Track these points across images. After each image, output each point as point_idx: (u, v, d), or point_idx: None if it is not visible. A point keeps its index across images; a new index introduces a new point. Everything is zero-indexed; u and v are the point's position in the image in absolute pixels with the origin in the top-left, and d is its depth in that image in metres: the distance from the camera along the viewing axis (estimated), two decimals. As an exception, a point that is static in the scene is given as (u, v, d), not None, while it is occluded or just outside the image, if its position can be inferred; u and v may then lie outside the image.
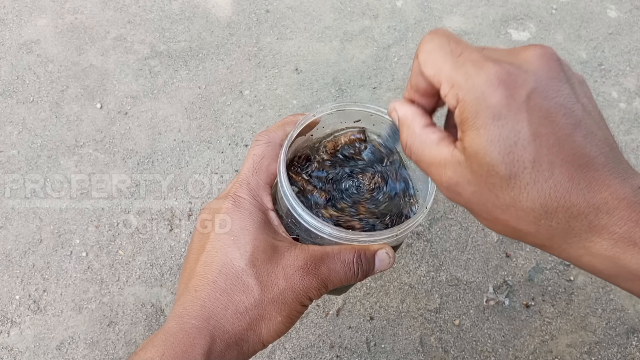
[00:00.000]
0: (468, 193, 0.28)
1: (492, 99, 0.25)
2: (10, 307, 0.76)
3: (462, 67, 0.27)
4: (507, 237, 0.31)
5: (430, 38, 0.29)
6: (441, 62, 0.28)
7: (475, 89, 0.26)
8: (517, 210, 0.27)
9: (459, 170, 0.28)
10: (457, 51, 0.28)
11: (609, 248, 0.26)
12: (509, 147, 0.25)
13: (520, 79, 0.26)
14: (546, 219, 0.26)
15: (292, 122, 0.40)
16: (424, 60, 0.29)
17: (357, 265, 0.36)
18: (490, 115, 0.25)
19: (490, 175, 0.26)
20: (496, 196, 0.27)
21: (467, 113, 0.26)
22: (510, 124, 0.25)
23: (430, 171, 0.30)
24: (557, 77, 0.27)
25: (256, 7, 1.08)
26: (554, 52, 0.27)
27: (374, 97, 0.98)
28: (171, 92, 0.96)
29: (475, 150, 0.26)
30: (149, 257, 0.80)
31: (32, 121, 0.91)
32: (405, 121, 0.31)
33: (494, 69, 0.26)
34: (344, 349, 0.76)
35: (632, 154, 0.96)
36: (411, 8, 1.11)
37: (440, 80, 0.28)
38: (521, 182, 0.26)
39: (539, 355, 0.77)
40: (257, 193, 0.37)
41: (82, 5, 1.05)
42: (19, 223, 0.82)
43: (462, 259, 0.83)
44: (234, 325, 0.34)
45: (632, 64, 1.07)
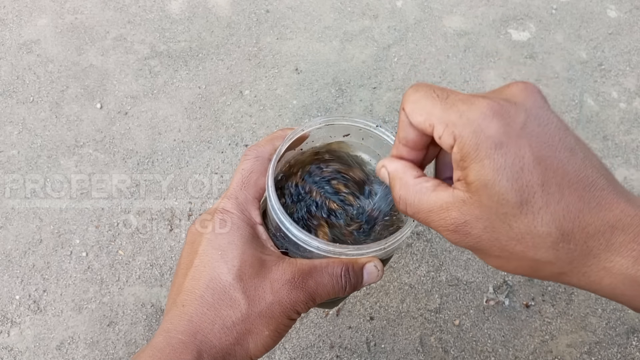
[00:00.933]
0: (478, 230, 0.28)
1: (489, 129, 0.26)
2: (10, 307, 0.76)
3: (452, 106, 0.27)
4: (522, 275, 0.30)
5: (413, 90, 0.29)
6: (430, 107, 0.28)
7: (471, 123, 0.26)
8: (534, 237, 0.26)
9: (465, 208, 0.27)
10: (444, 95, 0.28)
11: (630, 266, 0.26)
12: (516, 173, 0.25)
13: (512, 110, 0.26)
14: (564, 242, 0.26)
15: (280, 136, 0.40)
16: (412, 110, 0.29)
17: (345, 278, 0.36)
18: (492, 145, 0.26)
19: (501, 205, 0.26)
20: (509, 227, 0.26)
21: (467, 147, 0.26)
22: (512, 150, 0.25)
23: (432, 219, 0.29)
24: (543, 106, 0.27)
25: (256, 7, 1.08)
26: (535, 86, 0.28)
27: (374, 97, 0.98)
28: (171, 92, 0.96)
29: (483, 182, 0.26)
30: (149, 257, 0.80)
31: (32, 121, 0.91)
32: (397, 175, 0.31)
33: (485, 102, 0.26)
34: (344, 349, 0.76)
35: (632, 154, 0.96)
36: (411, 8, 1.11)
37: (432, 123, 0.28)
38: (534, 207, 0.26)
39: (539, 355, 0.77)
40: (245, 207, 0.37)
41: (82, 5, 1.05)
42: (19, 223, 0.82)
43: (462, 259, 0.83)
44: (221, 340, 0.34)
45: (632, 64, 1.07)
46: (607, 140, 0.97)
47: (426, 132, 0.29)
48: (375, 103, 0.98)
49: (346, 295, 0.38)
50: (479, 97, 0.27)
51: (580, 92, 1.03)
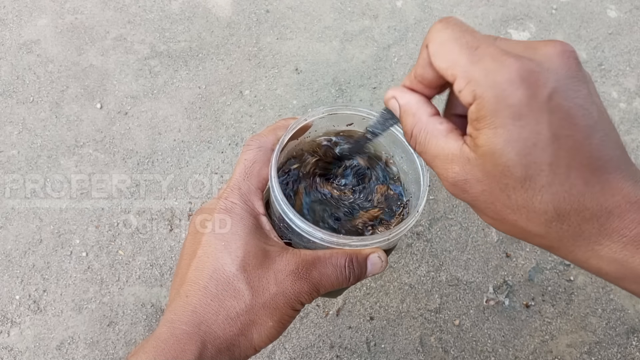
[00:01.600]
0: (476, 191, 0.27)
1: (513, 97, 0.24)
2: (10, 307, 0.76)
3: (480, 61, 0.25)
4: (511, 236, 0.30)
5: (442, 27, 0.27)
6: (456, 55, 0.26)
7: (496, 87, 0.25)
8: (529, 212, 0.26)
9: (468, 167, 0.27)
10: (474, 44, 0.26)
11: (618, 251, 0.26)
12: (528, 149, 0.25)
13: (542, 77, 0.25)
14: (558, 222, 0.26)
15: (283, 126, 0.40)
16: (436, 52, 0.27)
17: (349, 269, 0.36)
18: (511, 115, 0.24)
19: (504, 175, 0.26)
20: (507, 197, 0.26)
21: (485, 111, 0.25)
22: (531, 125, 0.25)
23: (435, 164, 0.29)
24: (576, 76, 0.26)
25: (256, 7, 1.08)
26: (573, 50, 0.27)
27: (374, 97, 0.98)
28: (171, 92, 0.96)
29: (492, 149, 0.25)
30: (149, 257, 0.80)
31: (32, 121, 0.91)
32: (410, 109, 0.30)
33: (515, 66, 0.25)
34: (344, 349, 0.76)
35: (632, 154, 0.96)
36: (411, 8, 1.11)
37: (455, 74, 0.26)
38: (536, 184, 0.25)
39: (539, 355, 0.77)
40: (248, 198, 0.37)
41: (82, 5, 1.05)
42: (19, 223, 0.82)
43: (462, 259, 0.83)
44: (225, 330, 0.34)
45: (632, 64, 1.07)
46: (607, 140, 0.97)
47: (446, 79, 0.27)
48: (375, 103, 0.98)
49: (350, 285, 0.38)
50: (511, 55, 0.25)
51: (580, 92, 1.03)
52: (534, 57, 0.26)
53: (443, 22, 0.27)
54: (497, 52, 0.25)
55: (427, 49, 0.28)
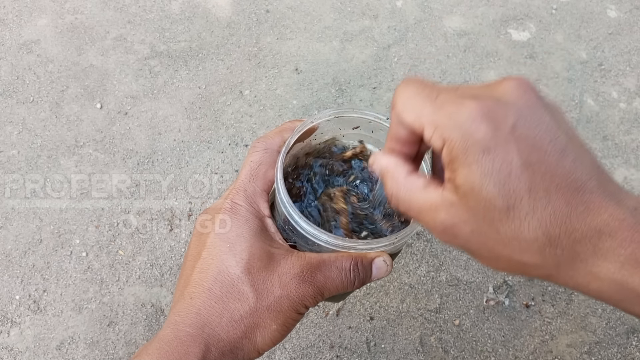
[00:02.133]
0: (466, 233, 0.28)
1: (478, 133, 0.25)
2: (10, 307, 0.76)
3: (441, 108, 0.27)
4: (511, 273, 0.30)
5: (404, 86, 0.29)
6: (420, 107, 0.28)
7: (460, 126, 0.26)
8: (520, 242, 0.26)
9: (453, 211, 0.27)
10: (434, 94, 0.28)
11: (616, 271, 0.26)
12: (504, 179, 0.25)
13: (502, 111, 0.26)
14: (550, 247, 0.26)
15: (290, 128, 0.40)
16: (402, 109, 0.29)
17: (354, 273, 0.36)
18: (480, 150, 0.25)
19: (488, 209, 0.26)
20: (497, 231, 0.26)
21: (456, 151, 0.26)
22: (500, 155, 0.25)
23: (422, 217, 0.29)
24: (536, 106, 0.27)
25: (256, 7, 1.08)
26: (529, 82, 0.28)
27: (374, 97, 0.98)
28: (171, 92, 0.96)
29: (470, 186, 0.26)
30: (149, 257, 0.80)
31: (32, 121, 0.91)
32: (388, 172, 0.31)
33: (474, 104, 0.26)
34: (344, 349, 0.76)
35: (632, 154, 0.96)
36: (411, 8, 1.11)
37: (422, 124, 0.28)
38: (520, 212, 0.26)
39: (539, 355, 0.77)
40: (253, 200, 0.37)
41: (82, 5, 1.05)
42: (19, 223, 0.82)
43: (462, 259, 0.83)
44: (229, 333, 0.34)
45: (632, 64, 1.07)
46: (607, 140, 0.97)
47: (416, 132, 0.29)
48: (375, 103, 0.98)
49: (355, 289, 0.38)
50: (468, 97, 0.27)
51: (580, 92, 1.03)
52: (492, 95, 0.27)
53: (405, 82, 0.29)
54: (456, 97, 0.27)
55: (395, 108, 0.29)
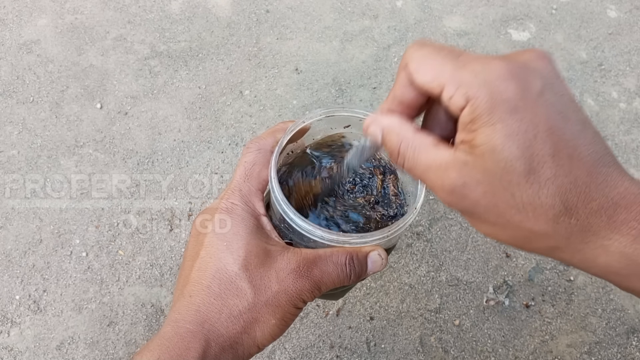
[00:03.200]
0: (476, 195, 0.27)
1: (507, 92, 0.25)
2: (10, 307, 0.76)
3: (466, 66, 0.26)
4: (510, 244, 0.29)
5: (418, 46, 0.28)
6: (439, 66, 0.27)
7: (488, 84, 0.25)
8: (536, 208, 0.26)
9: (465, 170, 0.26)
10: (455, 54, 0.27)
11: (628, 244, 0.25)
12: (529, 141, 0.25)
13: (530, 75, 0.25)
14: (566, 216, 0.26)
15: (282, 129, 0.41)
16: (417, 68, 0.27)
17: (350, 267, 0.36)
18: (508, 110, 0.24)
19: (507, 172, 0.25)
20: (512, 195, 0.26)
21: (481, 109, 0.25)
22: (528, 117, 0.24)
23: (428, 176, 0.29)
24: (559, 77, 0.26)
25: (256, 7, 1.08)
26: (551, 56, 0.27)
27: (374, 97, 0.98)
28: (171, 92, 0.96)
29: (491, 146, 0.25)
30: (149, 257, 0.80)
31: (32, 121, 0.91)
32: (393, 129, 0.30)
33: (502, 64, 0.25)
34: (344, 349, 0.76)
35: (632, 154, 0.96)
36: (411, 8, 1.11)
37: (442, 82, 0.26)
38: (541, 177, 0.25)
39: (539, 355, 0.77)
40: (249, 199, 0.38)
41: (82, 5, 1.05)
42: (19, 223, 0.82)
43: (462, 259, 0.83)
44: (229, 328, 0.34)
45: (632, 64, 1.07)
46: (607, 140, 0.97)
47: (432, 93, 0.27)
48: (375, 103, 0.98)
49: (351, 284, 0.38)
50: (494, 57, 0.26)
51: (580, 92, 1.03)
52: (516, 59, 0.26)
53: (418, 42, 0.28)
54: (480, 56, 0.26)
55: (407, 68, 0.28)
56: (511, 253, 0.84)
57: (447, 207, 0.86)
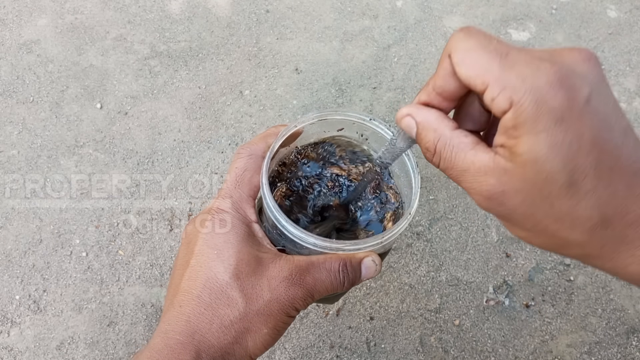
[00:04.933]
0: (514, 203, 0.26)
1: (554, 101, 0.24)
2: (10, 307, 0.76)
3: (513, 67, 0.25)
4: (544, 249, 0.29)
5: (465, 35, 0.26)
6: (486, 62, 0.25)
7: (535, 91, 0.24)
8: (573, 219, 0.25)
9: (505, 178, 0.26)
10: (503, 50, 0.25)
11: None
12: (572, 153, 0.24)
13: (578, 81, 0.24)
14: (602, 228, 0.25)
15: (274, 133, 0.40)
16: (461, 60, 0.26)
17: (343, 273, 0.36)
18: (553, 119, 0.24)
19: (548, 183, 0.25)
20: (551, 205, 0.25)
21: (525, 116, 0.24)
22: (573, 128, 0.24)
23: (465, 178, 0.28)
24: (604, 81, 0.25)
25: (256, 7, 1.08)
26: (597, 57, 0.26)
27: (374, 97, 0.98)
28: (171, 92, 0.96)
29: (534, 156, 0.24)
30: (149, 257, 0.80)
31: (32, 121, 0.91)
32: (430, 125, 0.29)
33: (552, 70, 0.24)
34: (344, 349, 0.76)
35: (632, 154, 0.96)
36: (411, 8, 1.11)
37: (486, 81, 0.25)
38: (581, 190, 0.25)
39: (539, 355, 0.77)
40: (240, 206, 0.37)
41: (82, 5, 1.05)
42: (19, 223, 0.82)
43: (462, 259, 0.83)
44: (220, 339, 0.34)
45: (632, 64, 1.07)
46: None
47: (475, 89, 0.26)
48: (375, 103, 0.98)
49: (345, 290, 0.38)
50: (543, 60, 0.25)
51: (580, 92, 1.03)
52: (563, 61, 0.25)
53: (465, 31, 0.26)
54: (530, 57, 0.25)
55: (450, 58, 0.27)
56: (511, 253, 0.84)
57: (447, 208, 0.86)
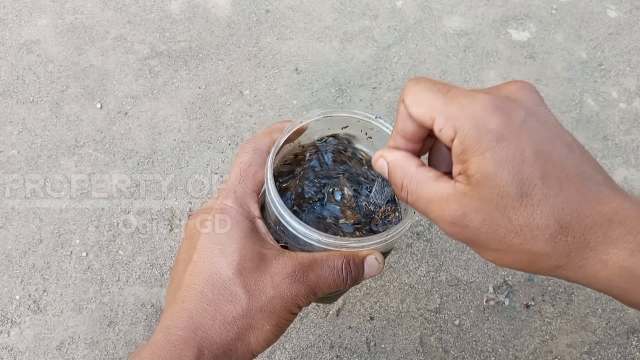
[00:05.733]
0: (476, 223, 0.28)
1: (491, 122, 0.26)
2: (10, 307, 0.76)
3: (454, 100, 0.28)
4: (519, 270, 0.30)
5: (414, 82, 0.30)
6: (431, 100, 0.28)
7: (473, 116, 0.26)
8: (532, 229, 0.27)
9: (465, 200, 0.28)
10: (445, 89, 0.28)
11: (626, 258, 0.26)
12: (518, 166, 0.26)
13: (512, 106, 0.27)
14: (562, 234, 0.26)
15: (279, 129, 0.40)
16: (412, 102, 0.29)
17: (346, 271, 0.36)
18: (494, 138, 0.26)
19: (502, 197, 0.26)
20: (509, 219, 0.27)
21: (469, 140, 0.27)
22: (514, 144, 0.26)
23: (431, 208, 0.30)
24: (542, 105, 0.28)
25: (256, 7, 1.08)
26: (532, 86, 0.29)
27: (374, 97, 0.98)
28: (171, 92, 0.96)
29: (484, 174, 0.26)
30: (149, 257, 0.80)
31: (32, 121, 0.91)
32: (398, 163, 0.31)
33: (486, 98, 0.27)
34: (344, 349, 0.76)
35: (632, 154, 0.96)
36: (411, 8, 1.11)
37: (433, 116, 0.28)
38: (533, 199, 0.26)
39: (539, 355, 0.77)
40: (243, 201, 0.37)
41: (82, 5, 1.05)
42: (19, 223, 0.82)
43: (462, 259, 0.83)
44: (222, 335, 0.33)
45: (632, 64, 1.07)
46: (607, 140, 0.97)
47: (426, 125, 0.29)
48: (375, 103, 0.98)
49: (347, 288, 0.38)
50: (479, 92, 0.28)
51: (580, 92, 1.03)
52: (500, 92, 0.28)
53: (414, 79, 0.30)
54: (468, 92, 0.28)
55: (404, 102, 0.30)
56: (511, 253, 0.84)
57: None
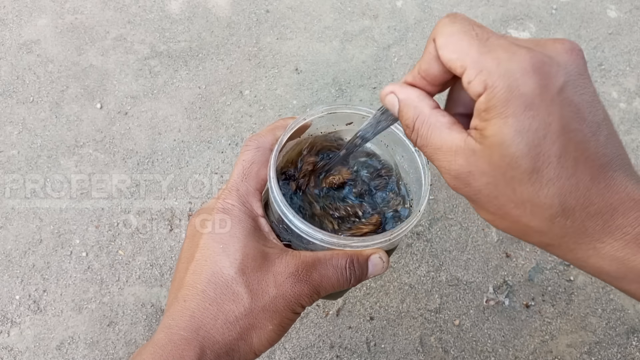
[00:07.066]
0: (479, 184, 0.27)
1: (526, 87, 0.24)
2: (10, 307, 0.76)
3: (491, 52, 0.25)
4: (508, 233, 0.29)
5: (450, 21, 0.27)
6: (466, 46, 0.26)
7: (509, 76, 0.24)
8: (534, 206, 0.26)
9: (473, 159, 0.26)
10: (484, 35, 0.26)
11: (620, 249, 0.26)
12: (538, 140, 0.24)
13: (554, 70, 0.25)
14: (562, 217, 0.26)
15: (282, 126, 0.39)
16: (444, 44, 0.27)
17: (350, 270, 0.36)
18: (522, 105, 0.24)
19: (512, 167, 0.25)
20: (513, 190, 0.26)
21: (496, 100, 0.24)
22: (541, 115, 0.24)
23: (437, 157, 0.28)
24: (584, 73, 0.26)
25: (256, 7, 1.08)
26: (581, 49, 0.27)
27: (374, 97, 0.98)
28: (171, 92, 0.96)
29: (500, 140, 0.25)
30: (149, 257, 0.80)
31: (32, 121, 0.91)
32: (411, 102, 0.29)
33: (527, 56, 0.24)
34: (344, 349, 0.76)
35: (632, 154, 0.96)
36: (411, 8, 1.11)
37: (465, 64, 0.26)
38: (543, 177, 0.25)
39: (539, 355, 0.77)
40: (246, 200, 0.37)
41: (82, 5, 1.05)
42: (19, 223, 0.82)
43: (462, 259, 0.83)
44: (224, 335, 0.33)
45: (632, 64, 1.07)
46: (607, 140, 0.97)
47: (455, 72, 0.27)
48: (375, 103, 0.98)
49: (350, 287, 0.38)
50: (522, 47, 0.25)
51: (580, 92, 1.03)
52: (544, 51, 0.26)
53: (450, 17, 0.27)
54: (508, 43, 0.25)
55: (435, 42, 0.27)
56: (511, 253, 0.84)
57: (447, 208, 0.86)
